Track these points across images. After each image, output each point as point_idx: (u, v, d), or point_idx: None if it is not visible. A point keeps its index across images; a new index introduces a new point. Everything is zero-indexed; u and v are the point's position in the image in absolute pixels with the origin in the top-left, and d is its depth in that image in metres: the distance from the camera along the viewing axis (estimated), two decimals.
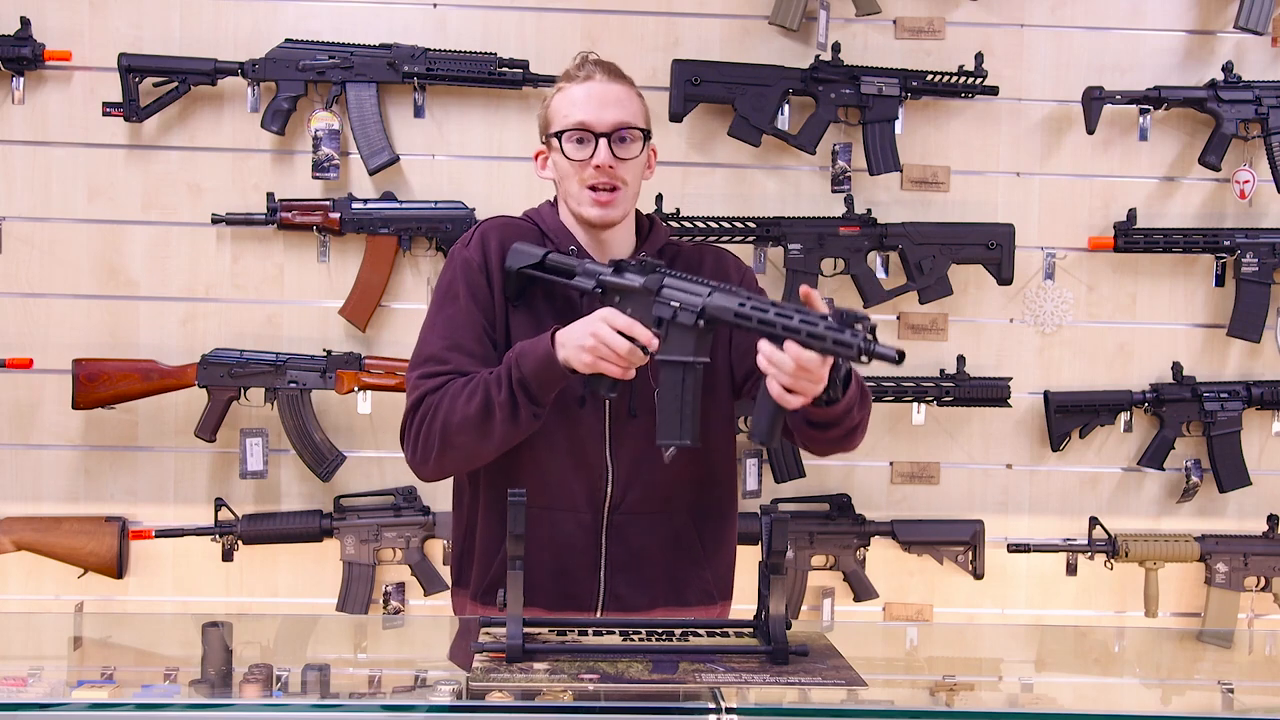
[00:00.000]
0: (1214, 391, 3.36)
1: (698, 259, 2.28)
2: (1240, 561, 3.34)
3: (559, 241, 2.20)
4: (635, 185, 2.19)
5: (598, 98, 2.14)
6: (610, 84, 2.16)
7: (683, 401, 1.99)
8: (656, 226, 2.29)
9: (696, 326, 1.97)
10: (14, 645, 2.32)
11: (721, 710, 1.68)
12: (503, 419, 2.04)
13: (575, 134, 2.14)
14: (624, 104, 2.16)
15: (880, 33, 3.38)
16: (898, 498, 3.43)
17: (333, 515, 3.27)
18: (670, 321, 1.99)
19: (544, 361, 2.02)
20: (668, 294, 2.00)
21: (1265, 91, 3.32)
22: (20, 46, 3.17)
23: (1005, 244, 3.30)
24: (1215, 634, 3.05)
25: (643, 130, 2.17)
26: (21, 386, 3.28)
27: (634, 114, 2.17)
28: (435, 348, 2.15)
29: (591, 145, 2.13)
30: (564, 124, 2.15)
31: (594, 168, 2.13)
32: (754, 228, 3.27)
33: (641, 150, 2.18)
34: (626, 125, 2.14)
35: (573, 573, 2.16)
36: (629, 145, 2.15)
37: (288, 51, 3.23)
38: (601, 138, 2.13)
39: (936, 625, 3.34)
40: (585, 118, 2.13)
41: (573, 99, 2.15)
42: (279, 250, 3.31)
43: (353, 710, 1.82)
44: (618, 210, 2.17)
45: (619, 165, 2.14)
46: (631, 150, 2.16)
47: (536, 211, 2.28)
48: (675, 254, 2.28)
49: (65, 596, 3.28)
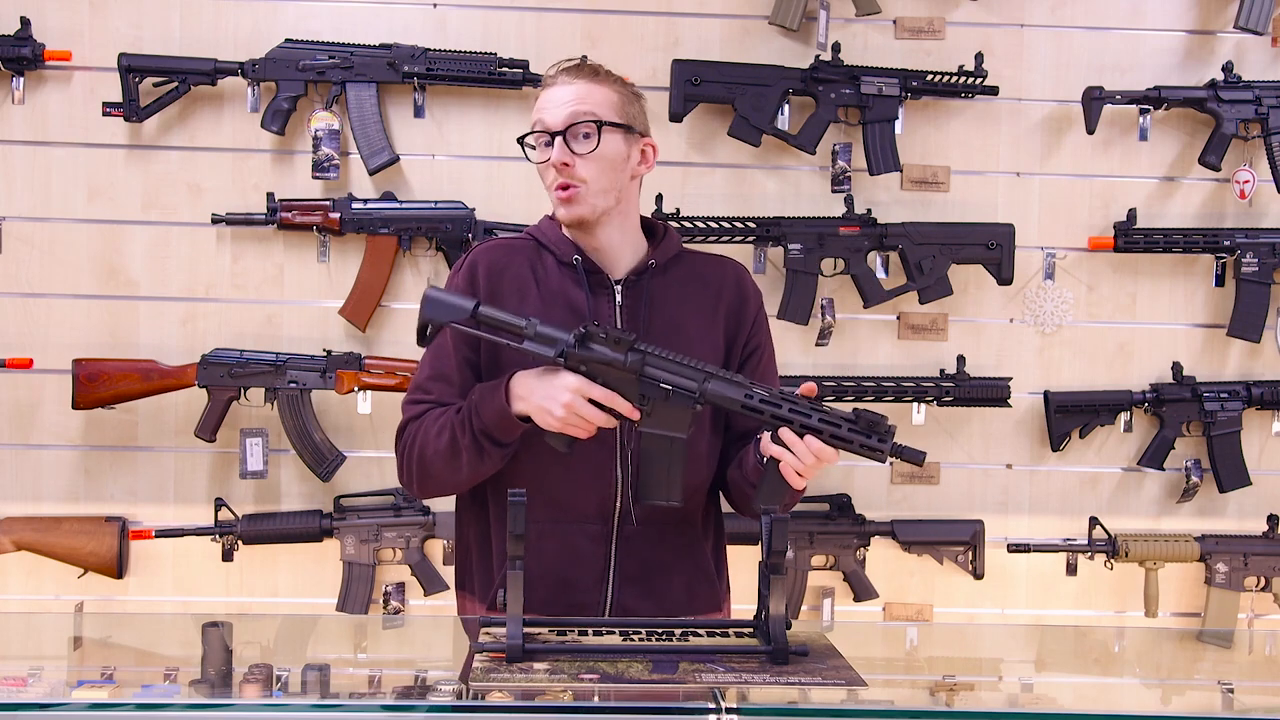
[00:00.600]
0: (1214, 391, 3.36)
1: (717, 274, 2.24)
2: (1240, 561, 3.34)
3: (560, 253, 2.17)
4: (604, 181, 2.12)
5: (555, 98, 2.12)
6: (570, 83, 2.12)
7: (669, 467, 2.01)
8: (670, 235, 2.24)
9: (691, 408, 1.99)
10: (14, 645, 2.32)
11: (721, 710, 1.68)
12: (469, 460, 2.06)
13: (534, 138, 2.13)
14: (582, 99, 2.10)
15: (880, 33, 3.38)
16: (898, 498, 3.43)
17: (333, 515, 3.27)
18: (659, 400, 2.00)
19: (499, 414, 2.03)
20: (653, 374, 1.99)
21: (1265, 91, 3.32)
22: (20, 46, 3.17)
23: (1005, 244, 3.30)
24: (1215, 634, 3.05)
25: (599, 122, 2.10)
26: (21, 386, 3.28)
27: (595, 105, 2.11)
28: (422, 376, 2.19)
29: (550, 147, 2.12)
30: (530, 129, 2.15)
31: (552, 167, 2.11)
32: (754, 228, 3.27)
33: (598, 143, 2.10)
34: (579, 119, 2.09)
35: (580, 584, 2.14)
36: (586, 141, 2.10)
37: (288, 51, 3.23)
38: (556, 136, 2.10)
39: (936, 625, 3.34)
40: (543, 117, 2.12)
41: (538, 104, 2.15)
42: (279, 250, 3.31)
43: (353, 710, 1.82)
44: (581, 207, 2.12)
45: (574, 161, 2.09)
46: (587, 145, 2.10)
47: (536, 227, 2.25)
48: (693, 265, 2.24)
49: (65, 596, 3.28)
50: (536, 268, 2.18)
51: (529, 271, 2.17)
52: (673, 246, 2.23)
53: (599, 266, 2.17)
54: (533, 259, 2.19)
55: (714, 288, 2.22)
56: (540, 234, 2.22)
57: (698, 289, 2.21)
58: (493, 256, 2.19)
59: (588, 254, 2.17)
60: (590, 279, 2.15)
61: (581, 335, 1.99)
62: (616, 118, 2.13)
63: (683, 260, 2.24)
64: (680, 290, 2.19)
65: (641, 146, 2.18)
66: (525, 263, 2.18)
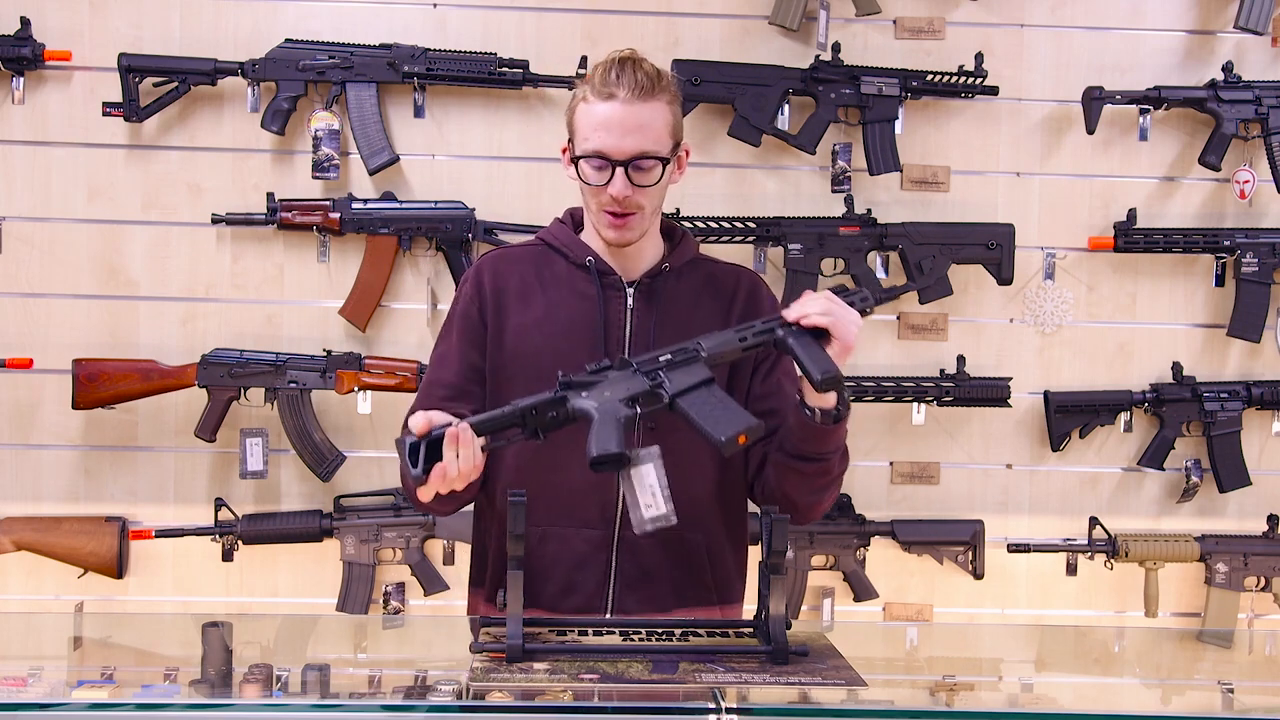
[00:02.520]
0: (1214, 391, 3.36)
1: (731, 282, 2.22)
2: (1240, 561, 3.34)
3: (573, 255, 2.16)
4: (655, 204, 2.12)
5: (619, 123, 2.04)
6: (633, 105, 2.03)
7: (722, 404, 1.94)
8: (686, 239, 2.23)
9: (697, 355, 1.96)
10: (14, 645, 2.32)
11: (721, 710, 1.68)
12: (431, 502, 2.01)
13: (593, 160, 2.07)
14: (645, 129, 2.05)
15: (880, 33, 3.38)
16: (898, 498, 3.43)
17: (333, 515, 3.27)
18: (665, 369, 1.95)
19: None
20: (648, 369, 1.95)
21: (1265, 91, 3.32)
22: (20, 46, 3.17)
23: (1005, 244, 3.30)
24: (1215, 634, 3.05)
25: (662, 159, 2.07)
26: (21, 386, 3.28)
27: (656, 139, 2.06)
28: (425, 384, 2.21)
29: (609, 172, 2.06)
30: (583, 148, 2.07)
31: (610, 195, 2.07)
32: (754, 228, 3.27)
33: (662, 175, 2.09)
34: (644, 155, 2.06)
35: (581, 588, 2.13)
36: (648, 173, 2.07)
37: (288, 51, 3.23)
38: (619, 166, 2.05)
39: (936, 625, 3.34)
40: (603, 146, 2.04)
41: (594, 119, 2.06)
42: (279, 250, 3.31)
43: (353, 710, 1.83)
44: (634, 233, 2.11)
45: (635, 193, 2.07)
46: (649, 177, 2.07)
47: (546, 230, 2.23)
48: (707, 272, 2.23)
49: (65, 596, 3.28)
50: (543, 273, 2.17)
51: (534, 278, 2.17)
52: (688, 250, 2.22)
53: (612, 268, 2.16)
54: (539, 264, 2.18)
55: (727, 295, 2.20)
56: (551, 237, 2.21)
57: (710, 296, 2.20)
58: (497, 265, 2.20)
59: (602, 256, 2.16)
60: (603, 280, 2.15)
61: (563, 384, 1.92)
62: (672, 139, 2.10)
63: (697, 266, 2.23)
64: (693, 296, 2.19)
65: (683, 150, 2.17)
66: (531, 269, 2.18)
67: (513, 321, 2.15)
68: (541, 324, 2.14)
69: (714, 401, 1.90)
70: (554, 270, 2.17)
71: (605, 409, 1.88)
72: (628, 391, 1.90)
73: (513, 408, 1.89)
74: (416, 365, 3.22)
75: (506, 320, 2.16)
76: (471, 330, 2.17)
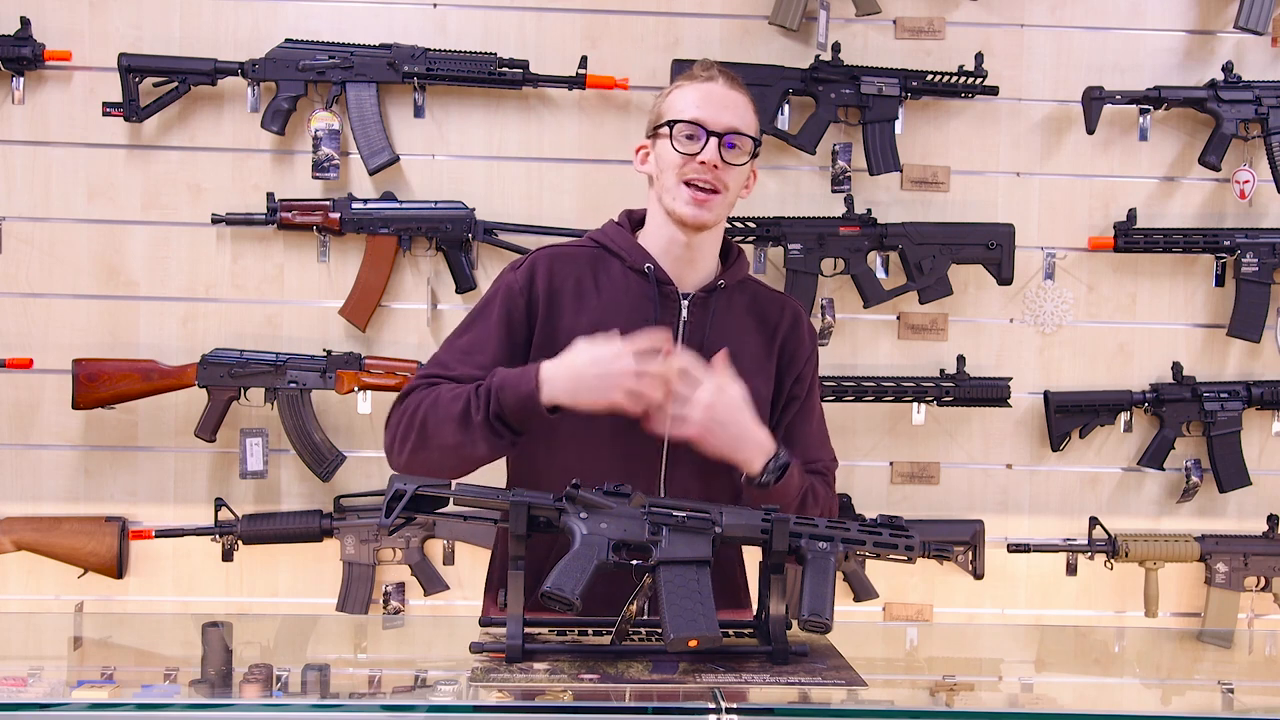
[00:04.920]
0: (1214, 391, 3.36)
1: (777, 310, 2.23)
2: (1240, 561, 3.34)
3: (631, 259, 2.16)
4: (734, 194, 2.14)
5: (718, 99, 2.11)
6: (730, 90, 2.13)
7: (700, 599, 1.82)
8: (741, 258, 2.25)
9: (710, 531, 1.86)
10: (14, 645, 2.32)
11: (721, 710, 1.68)
12: (478, 438, 2.01)
13: (688, 128, 2.10)
14: (739, 111, 2.13)
15: (880, 33, 3.38)
16: (898, 498, 3.43)
17: (333, 515, 3.27)
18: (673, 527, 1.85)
19: (523, 401, 1.98)
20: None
21: (1265, 91, 3.32)
22: (20, 46, 3.17)
23: (1005, 244, 3.31)
24: (1215, 634, 3.05)
25: (753, 139, 2.13)
26: (21, 386, 3.28)
27: (748, 124, 2.13)
28: (447, 356, 2.14)
29: (702, 141, 2.09)
30: (678, 116, 2.11)
31: (699, 163, 2.08)
32: (754, 228, 3.27)
33: (747, 161, 2.14)
34: (739, 131, 2.11)
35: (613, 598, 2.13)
36: (737, 152, 2.11)
37: (288, 51, 3.23)
38: (713, 136, 2.09)
39: (936, 625, 3.34)
40: (701, 115, 2.09)
41: (693, 96, 2.12)
42: (279, 250, 3.31)
43: (353, 710, 1.82)
44: (712, 214, 2.12)
45: (724, 168, 2.10)
46: (739, 157, 2.11)
47: (602, 232, 2.22)
48: (755, 296, 2.23)
49: (65, 596, 3.28)
50: (599, 275, 2.16)
51: (590, 280, 2.16)
52: (742, 270, 2.24)
53: (669, 278, 2.15)
54: (595, 266, 2.17)
55: (772, 323, 2.21)
56: (607, 239, 2.20)
57: (757, 323, 2.21)
58: (553, 264, 2.17)
59: (661, 263, 2.15)
60: (660, 289, 2.14)
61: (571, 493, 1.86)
62: (758, 136, 2.16)
63: (747, 287, 2.24)
64: (742, 319, 2.19)
65: (752, 169, 2.20)
66: (588, 270, 2.17)
67: (565, 323, 2.13)
68: (596, 327, 2.09)
69: (692, 591, 1.79)
70: (610, 273, 2.16)
71: (589, 543, 1.82)
72: (622, 534, 1.83)
73: (506, 498, 1.85)
74: (416, 365, 3.22)
75: (559, 321, 2.13)
76: (513, 324, 2.14)
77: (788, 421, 2.21)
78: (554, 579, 1.78)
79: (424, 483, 1.85)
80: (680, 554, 1.82)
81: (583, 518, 1.84)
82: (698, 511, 1.86)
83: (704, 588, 1.81)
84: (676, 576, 1.81)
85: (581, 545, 1.81)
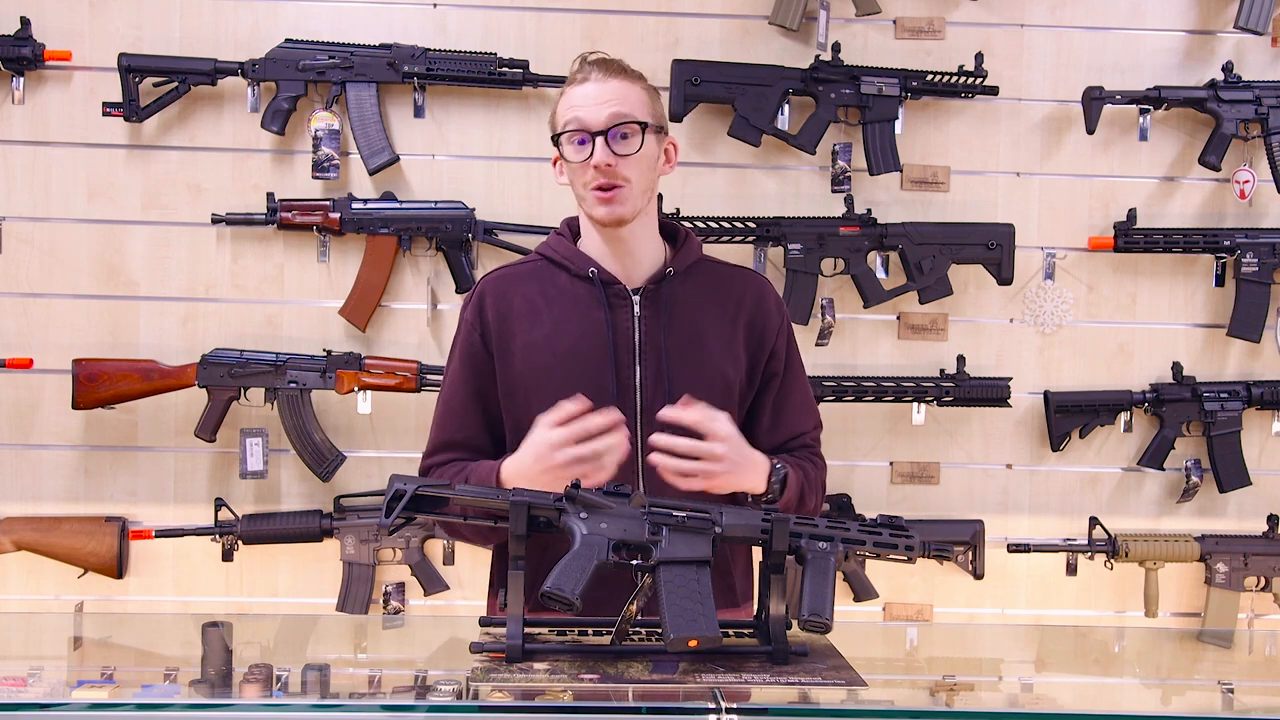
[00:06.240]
0: (1214, 391, 3.36)
1: (739, 286, 2.21)
2: (1240, 561, 3.34)
3: (575, 267, 2.15)
4: (643, 181, 2.11)
5: (593, 96, 2.08)
6: (606, 81, 2.08)
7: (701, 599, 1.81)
8: (690, 240, 2.22)
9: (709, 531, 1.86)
10: (14, 645, 2.32)
11: (721, 710, 1.68)
12: (489, 531, 2.02)
13: (573, 135, 2.09)
14: (622, 98, 2.08)
15: (880, 33, 3.38)
16: (898, 498, 3.43)
17: (333, 515, 3.27)
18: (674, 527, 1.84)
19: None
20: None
21: (1265, 91, 3.32)
22: (20, 46, 3.17)
23: (1005, 244, 3.31)
24: (1215, 634, 3.05)
25: (641, 123, 2.09)
26: (21, 386, 3.28)
27: (633, 107, 2.08)
28: (433, 440, 2.18)
29: (589, 145, 2.08)
30: (563, 127, 2.10)
31: (593, 167, 2.07)
32: (754, 228, 3.27)
33: (641, 145, 2.09)
34: (622, 119, 2.07)
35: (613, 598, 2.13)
36: (628, 141, 2.08)
37: (288, 51, 3.23)
38: (598, 136, 2.07)
39: (936, 625, 3.34)
40: (579, 117, 2.07)
41: (571, 101, 2.10)
42: (279, 250, 3.31)
43: (353, 710, 1.82)
44: (624, 207, 2.09)
45: (618, 162, 2.07)
46: (630, 146, 2.08)
47: (546, 245, 2.22)
48: (713, 274, 2.21)
49: (65, 596, 3.28)
50: (547, 289, 2.16)
51: (538, 295, 2.15)
52: (692, 252, 2.21)
53: (615, 277, 2.15)
54: (542, 281, 2.17)
55: (733, 301, 2.19)
56: (550, 251, 2.20)
57: (716, 300, 2.18)
58: (499, 286, 2.18)
59: (605, 264, 2.15)
60: (608, 290, 2.14)
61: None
62: (651, 118, 2.12)
63: (702, 268, 2.21)
64: (699, 300, 2.17)
65: (665, 145, 2.18)
66: (534, 286, 2.16)
67: (519, 342, 2.13)
68: (549, 341, 2.11)
69: (692, 591, 1.79)
70: (557, 285, 2.16)
71: (589, 543, 1.81)
72: (622, 534, 1.82)
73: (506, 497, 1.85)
74: (416, 365, 3.22)
75: (513, 341, 2.14)
76: (475, 362, 2.16)
77: (771, 399, 2.20)
78: (554, 579, 1.78)
79: (424, 483, 1.86)
80: (680, 554, 1.82)
81: (583, 517, 1.83)
82: (698, 511, 1.86)
83: (704, 588, 1.81)
84: (676, 576, 1.81)
85: (581, 545, 1.81)
